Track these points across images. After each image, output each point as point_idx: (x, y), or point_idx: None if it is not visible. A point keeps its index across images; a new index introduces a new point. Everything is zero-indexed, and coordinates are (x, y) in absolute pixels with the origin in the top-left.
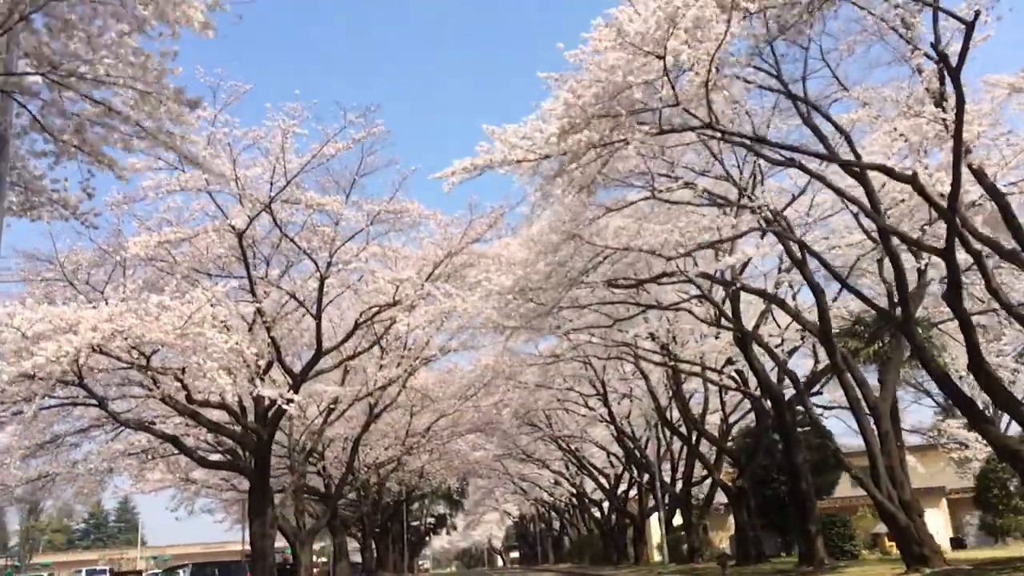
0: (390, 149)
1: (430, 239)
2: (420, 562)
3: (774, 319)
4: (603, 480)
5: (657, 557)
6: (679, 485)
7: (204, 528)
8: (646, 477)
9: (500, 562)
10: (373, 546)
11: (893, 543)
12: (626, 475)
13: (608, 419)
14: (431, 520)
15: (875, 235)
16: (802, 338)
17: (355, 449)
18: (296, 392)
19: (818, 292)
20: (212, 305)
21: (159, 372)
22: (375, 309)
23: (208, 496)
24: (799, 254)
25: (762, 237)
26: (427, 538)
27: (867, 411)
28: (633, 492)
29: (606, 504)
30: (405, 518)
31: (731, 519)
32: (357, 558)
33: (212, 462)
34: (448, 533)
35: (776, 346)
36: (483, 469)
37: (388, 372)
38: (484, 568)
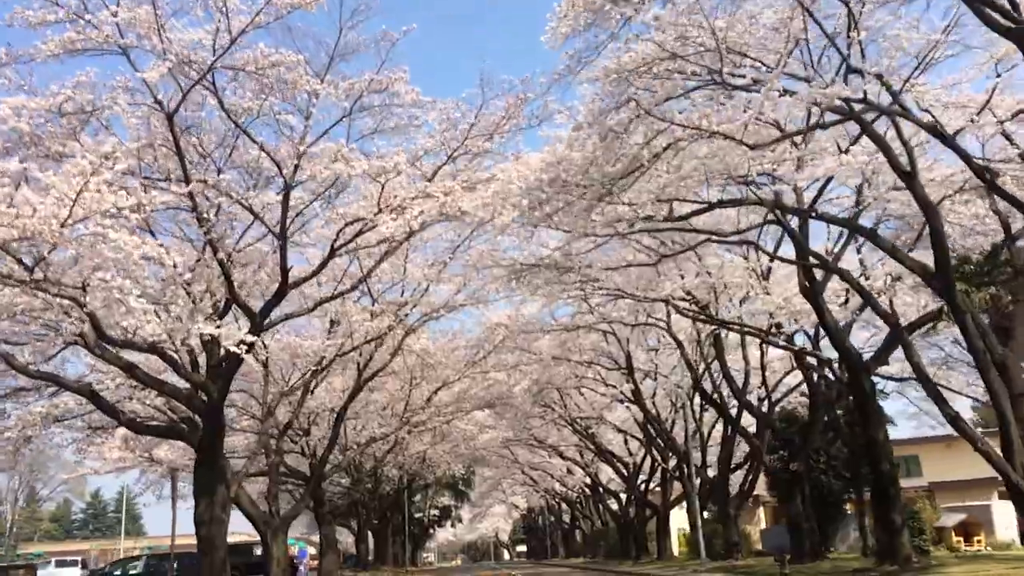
0: (381, 20)
1: (427, 133)
2: (424, 555)
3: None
4: (621, 468)
5: (679, 552)
6: (710, 472)
7: None
8: (672, 463)
9: (506, 556)
10: (370, 537)
11: (961, 538)
12: (647, 463)
13: (632, 397)
14: (435, 512)
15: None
16: (880, 291)
17: (340, 420)
18: (256, 335)
19: (932, 211)
20: (120, 190)
21: (42, 286)
22: (357, 225)
23: (183, 481)
24: (907, 164)
25: (858, 138)
26: (431, 530)
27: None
28: (655, 482)
29: (624, 495)
30: (406, 507)
31: (759, 512)
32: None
33: (147, 427)
34: (453, 526)
35: (842, 303)
36: (491, 455)
37: (379, 322)
38: (491, 563)
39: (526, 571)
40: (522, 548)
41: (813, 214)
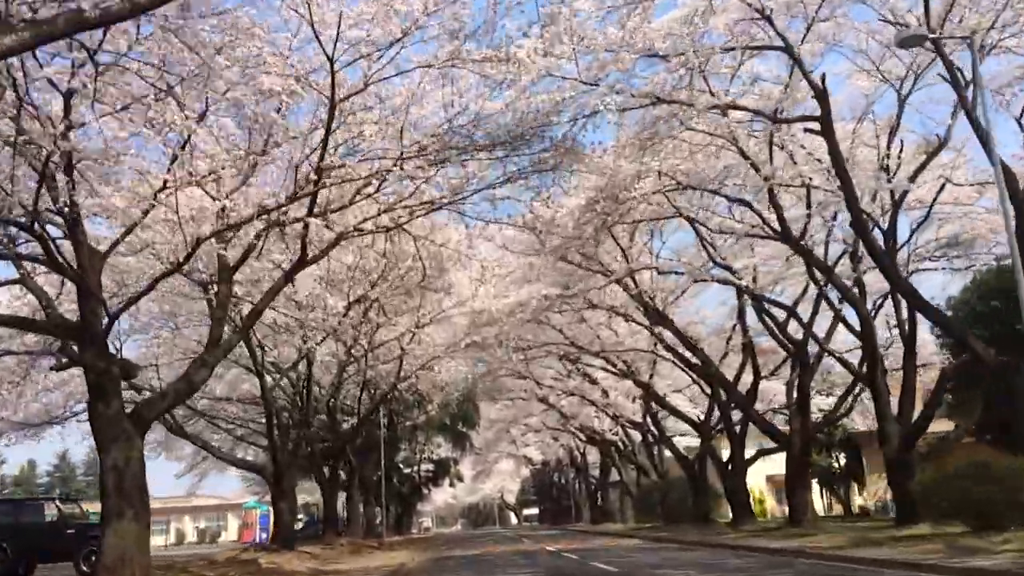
0: None
1: None
2: (420, 520)
3: None
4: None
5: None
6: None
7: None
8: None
9: (514, 520)
10: (317, 494)
11: None
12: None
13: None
14: (429, 467)
15: None
16: None
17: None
18: None
19: None
20: None
21: None
22: None
23: None
24: None
25: None
26: (425, 490)
27: None
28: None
29: (702, 426)
30: (383, 451)
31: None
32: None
33: None
34: (452, 485)
35: None
36: (504, 372)
37: None
38: (495, 527)
39: (562, 546)
40: (531, 511)
41: None
